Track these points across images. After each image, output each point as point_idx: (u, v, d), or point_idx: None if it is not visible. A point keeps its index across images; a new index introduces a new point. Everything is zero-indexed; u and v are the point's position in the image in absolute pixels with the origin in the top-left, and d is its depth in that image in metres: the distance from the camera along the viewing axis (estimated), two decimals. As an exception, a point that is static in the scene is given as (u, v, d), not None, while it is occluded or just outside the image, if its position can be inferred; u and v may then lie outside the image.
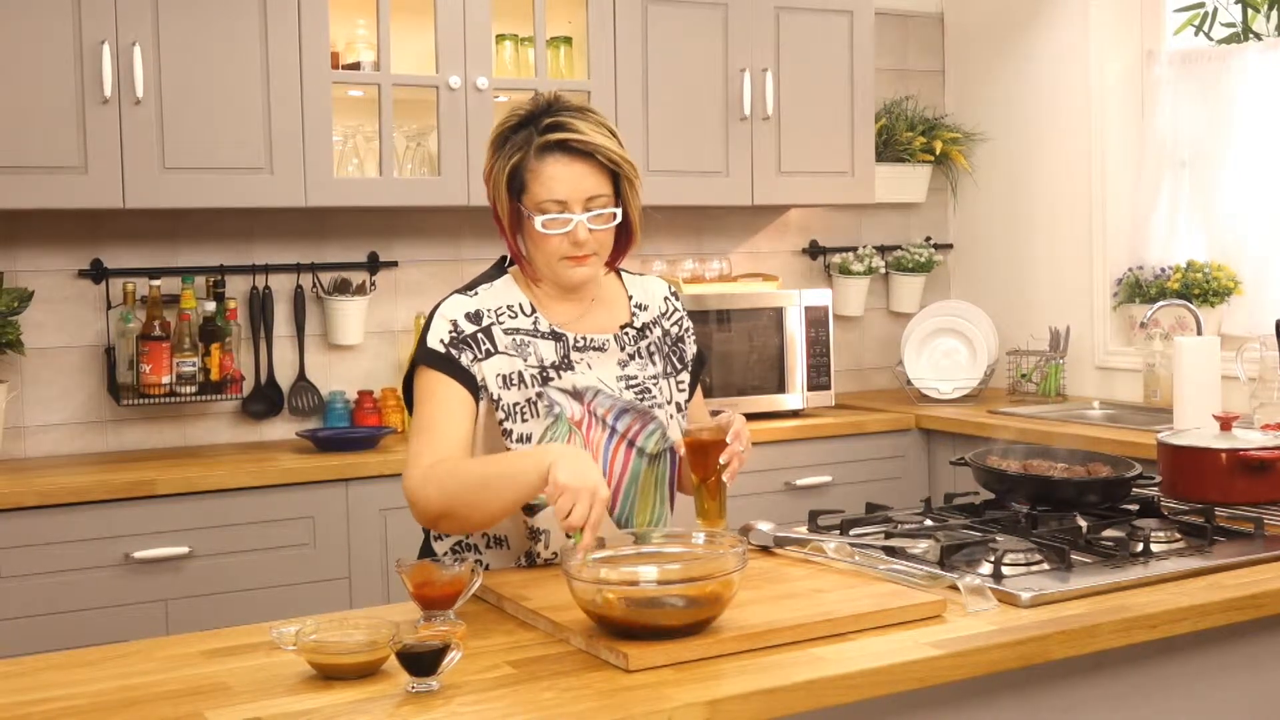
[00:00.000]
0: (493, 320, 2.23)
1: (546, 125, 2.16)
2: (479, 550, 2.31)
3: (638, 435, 2.28)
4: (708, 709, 1.64)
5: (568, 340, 2.25)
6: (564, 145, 2.16)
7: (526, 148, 2.17)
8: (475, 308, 2.23)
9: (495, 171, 2.20)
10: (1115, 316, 4.63)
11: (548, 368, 2.22)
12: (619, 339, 2.30)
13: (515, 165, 2.17)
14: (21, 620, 3.26)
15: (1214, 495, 2.56)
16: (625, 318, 2.34)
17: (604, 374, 2.26)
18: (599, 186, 2.18)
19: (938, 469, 4.36)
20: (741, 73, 4.35)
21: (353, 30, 4.00)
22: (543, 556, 2.28)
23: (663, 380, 2.33)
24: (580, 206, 2.17)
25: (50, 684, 1.77)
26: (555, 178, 2.15)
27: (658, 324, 2.38)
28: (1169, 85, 4.47)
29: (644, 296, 2.39)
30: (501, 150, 2.20)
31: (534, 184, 2.16)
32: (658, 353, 2.35)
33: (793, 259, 4.95)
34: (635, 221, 2.26)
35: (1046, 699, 1.98)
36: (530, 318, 2.25)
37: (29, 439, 3.83)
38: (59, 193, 3.51)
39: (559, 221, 2.16)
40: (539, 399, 2.21)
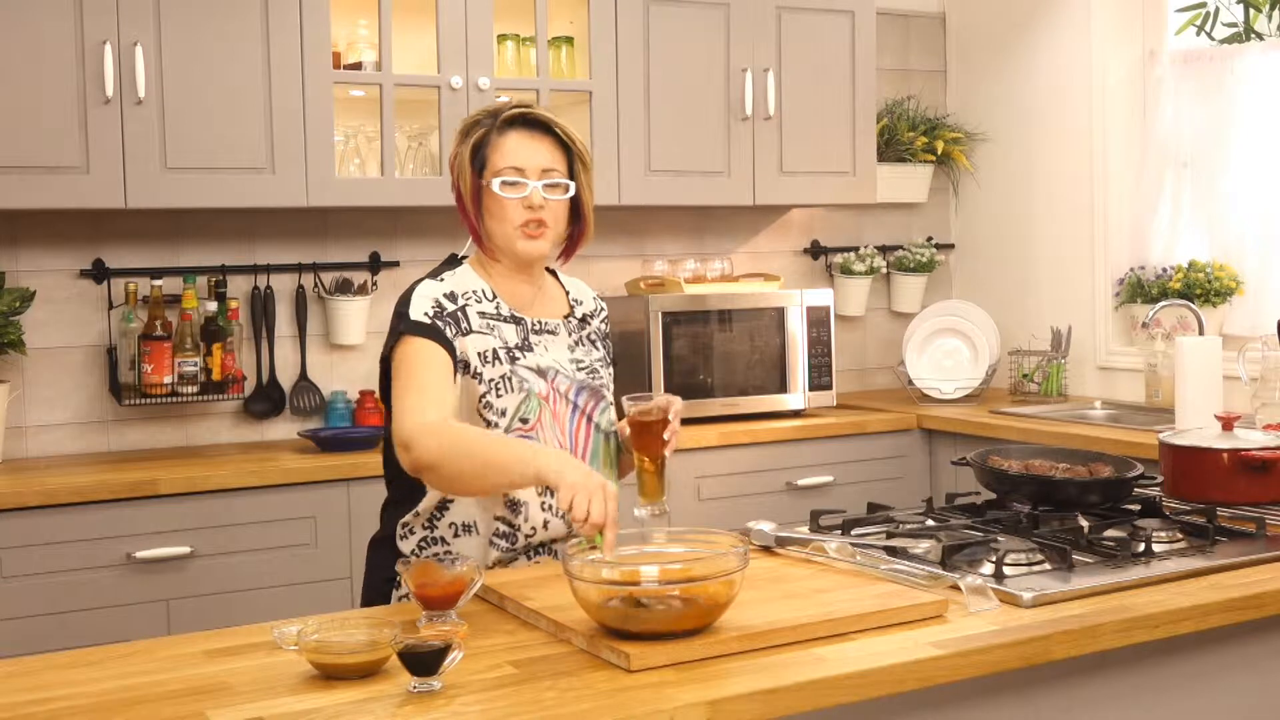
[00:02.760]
0: (466, 301, 2.33)
1: (512, 108, 2.36)
2: (446, 542, 2.33)
3: (594, 411, 2.40)
4: (709, 709, 1.64)
5: (526, 324, 2.38)
6: (525, 119, 2.34)
7: (490, 126, 2.34)
8: (450, 289, 2.34)
9: (460, 152, 2.35)
10: (1117, 316, 4.63)
11: (512, 348, 2.33)
12: (566, 325, 2.45)
13: (479, 141, 2.34)
14: (23, 620, 3.26)
15: (1216, 495, 2.56)
16: (566, 309, 2.49)
17: (558, 355, 2.39)
18: (554, 161, 2.34)
19: (939, 469, 4.36)
20: (743, 72, 4.35)
21: (354, 30, 4.00)
22: (522, 530, 2.31)
23: (605, 366, 2.48)
24: (536, 175, 2.32)
25: (52, 684, 1.77)
26: (514, 148, 2.32)
27: (592, 319, 2.52)
28: (1171, 85, 4.47)
29: (578, 294, 2.54)
30: (468, 135, 2.36)
31: (494, 155, 2.32)
32: (598, 340, 2.50)
33: (794, 259, 4.95)
34: (587, 206, 2.40)
35: (1048, 699, 1.98)
36: (493, 302, 2.36)
37: (31, 439, 3.83)
38: (61, 193, 3.51)
39: (516, 186, 2.31)
40: (512, 375, 2.30)
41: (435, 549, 2.34)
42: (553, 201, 2.33)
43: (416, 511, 2.34)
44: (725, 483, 4.09)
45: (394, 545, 2.38)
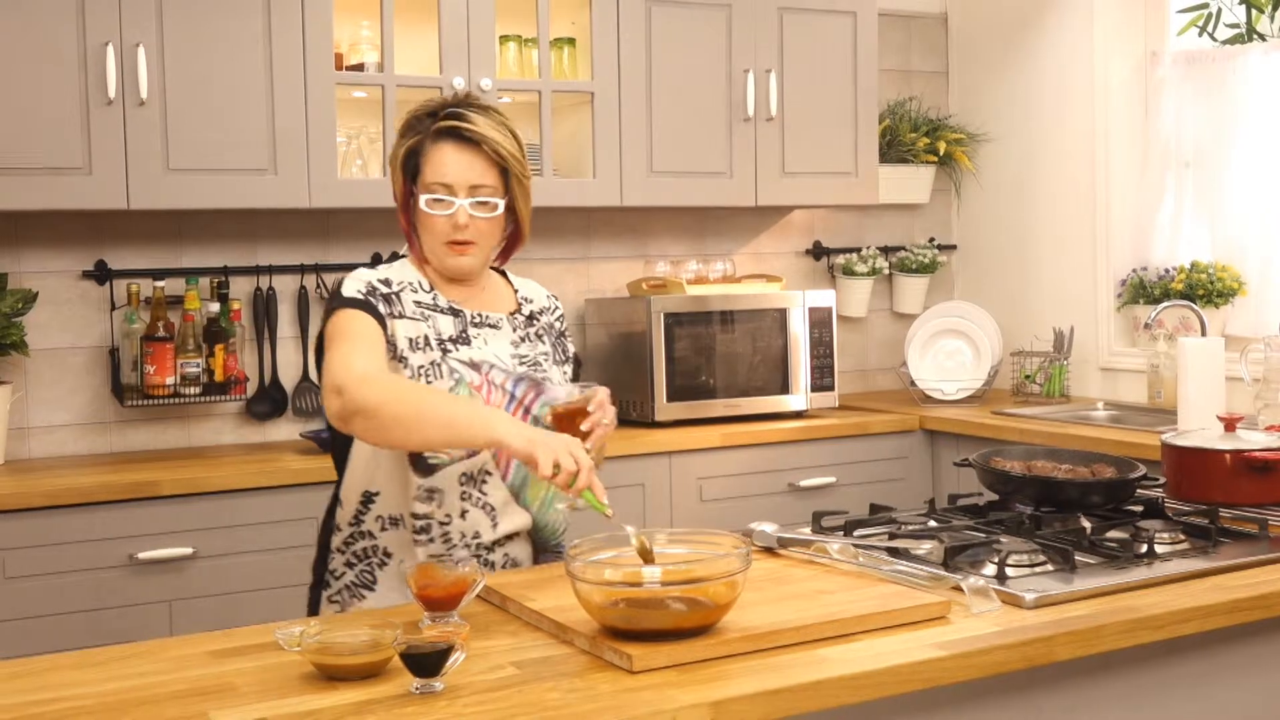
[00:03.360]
0: (401, 289, 2.32)
1: (446, 115, 2.30)
2: (374, 536, 2.32)
3: (533, 403, 2.35)
4: (712, 710, 1.64)
5: (465, 316, 2.35)
6: (456, 133, 2.28)
7: (425, 133, 2.30)
8: (385, 276, 2.32)
9: (394, 154, 2.33)
10: (1119, 317, 4.62)
11: (446, 340, 2.31)
12: (510, 321, 2.41)
13: (412, 148, 2.30)
14: (27, 621, 3.26)
15: (1218, 496, 2.55)
16: (513, 306, 2.46)
17: (499, 350, 2.36)
18: (485, 177, 2.29)
19: (941, 470, 4.36)
20: (745, 73, 4.35)
21: (357, 31, 4.00)
22: (436, 518, 2.28)
23: (551, 363, 2.43)
24: (465, 193, 2.28)
25: (56, 684, 1.77)
26: (444, 162, 2.28)
27: (543, 315, 2.48)
28: (1173, 86, 4.47)
29: (528, 292, 2.50)
30: (405, 136, 2.33)
31: (426, 166, 2.29)
32: (546, 337, 2.46)
33: (796, 260, 4.95)
34: (523, 219, 2.37)
35: (1051, 700, 1.98)
36: (430, 294, 2.34)
37: (34, 440, 3.83)
38: (63, 194, 3.51)
39: (443, 204, 2.27)
40: (441, 364, 2.28)
41: (361, 544, 2.33)
42: (480, 219, 2.29)
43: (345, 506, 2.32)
44: (727, 484, 4.09)
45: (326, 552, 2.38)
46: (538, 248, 4.44)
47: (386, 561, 2.33)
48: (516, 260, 4.41)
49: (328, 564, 2.39)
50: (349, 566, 2.35)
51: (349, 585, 2.35)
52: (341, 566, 2.36)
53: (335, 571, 2.37)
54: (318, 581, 2.41)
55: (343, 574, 2.36)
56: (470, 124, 2.28)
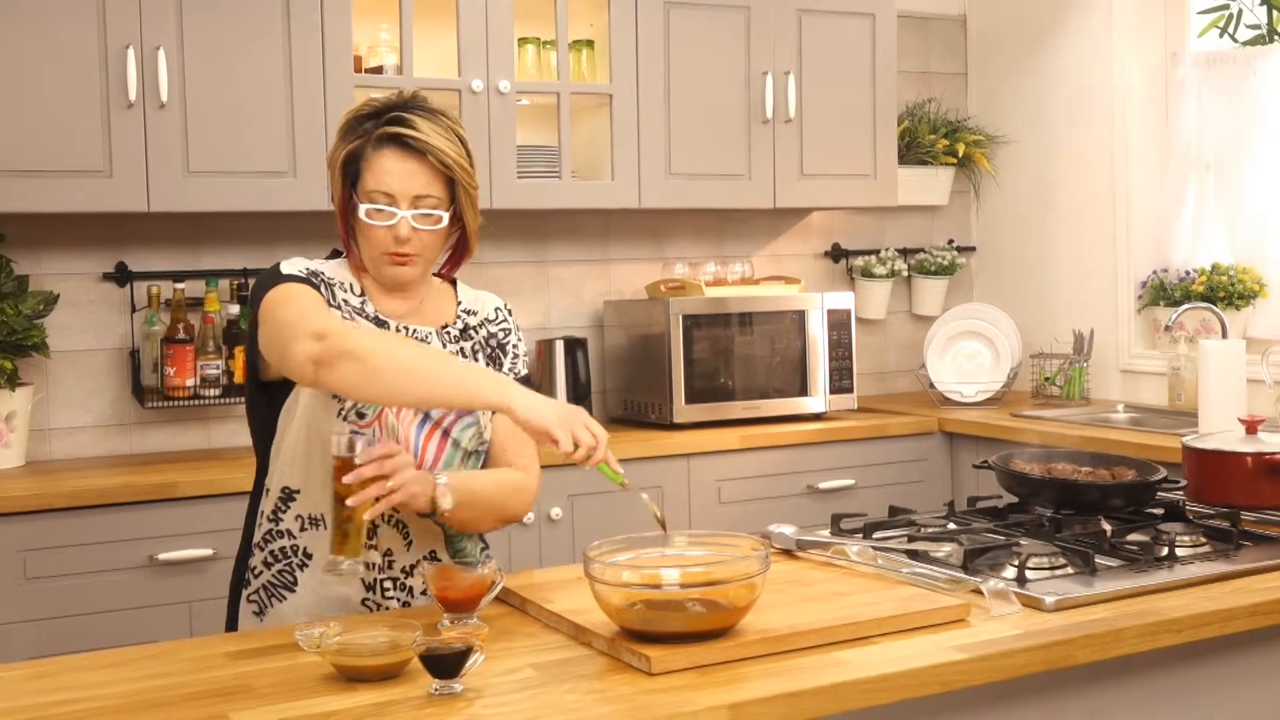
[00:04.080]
0: (335, 284, 2.20)
1: (390, 119, 2.16)
2: (293, 535, 2.20)
3: (452, 426, 2.22)
4: (730, 712, 1.64)
5: (390, 328, 2.21)
6: (400, 140, 2.15)
7: (367, 137, 2.16)
8: (319, 269, 2.21)
9: (333, 157, 2.19)
10: (1139, 319, 4.61)
11: None
12: (440, 335, 2.26)
13: (353, 152, 2.16)
14: (47, 621, 3.27)
15: (1240, 499, 2.54)
16: (449, 319, 2.30)
17: None
18: (429, 187, 2.16)
19: (961, 472, 4.35)
20: (763, 75, 4.34)
21: (375, 34, 4.01)
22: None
23: None
24: (407, 203, 2.15)
25: (76, 685, 1.78)
26: (387, 170, 2.14)
27: (483, 327, 2.32)
28: (1193, 87, 4.45)
29: (474, 304, 2.35)
30: (346, 137, 2.19)
31: (366, 173, 2.15)
32: (481, 353, 2.30)
33: (815, 262, 4.94)
34: (470, 230, 2.24)
35: (1071, 703, 1.97)
36: (359, 299, 2.22)
37: (54, 441, 3.85)
38: (84, 196, 3.53)
39: (384, 214, 2.14)
40: None
41: (279, 544, 2.21)
42: (423, 231, 2.16)
43: (266, 503, 2.23)
44: (746, 486, 4.08)
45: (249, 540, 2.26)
46: (556, 250, 4.44)
47: (306, 563, 2.19)
48: (540, 263, 4.42)
49: (246, 559, 2.27)
50: (266, 566, 2.22)
51: (266, 585, 2.22)
52: (260, 565, 2.23)
53: (255, 569, 2.24)
54: (237, 581, 2.29)
55: (260, 573, 2.23)
56: (415, 130, 2.14)
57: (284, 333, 2.04)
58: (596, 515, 3.81)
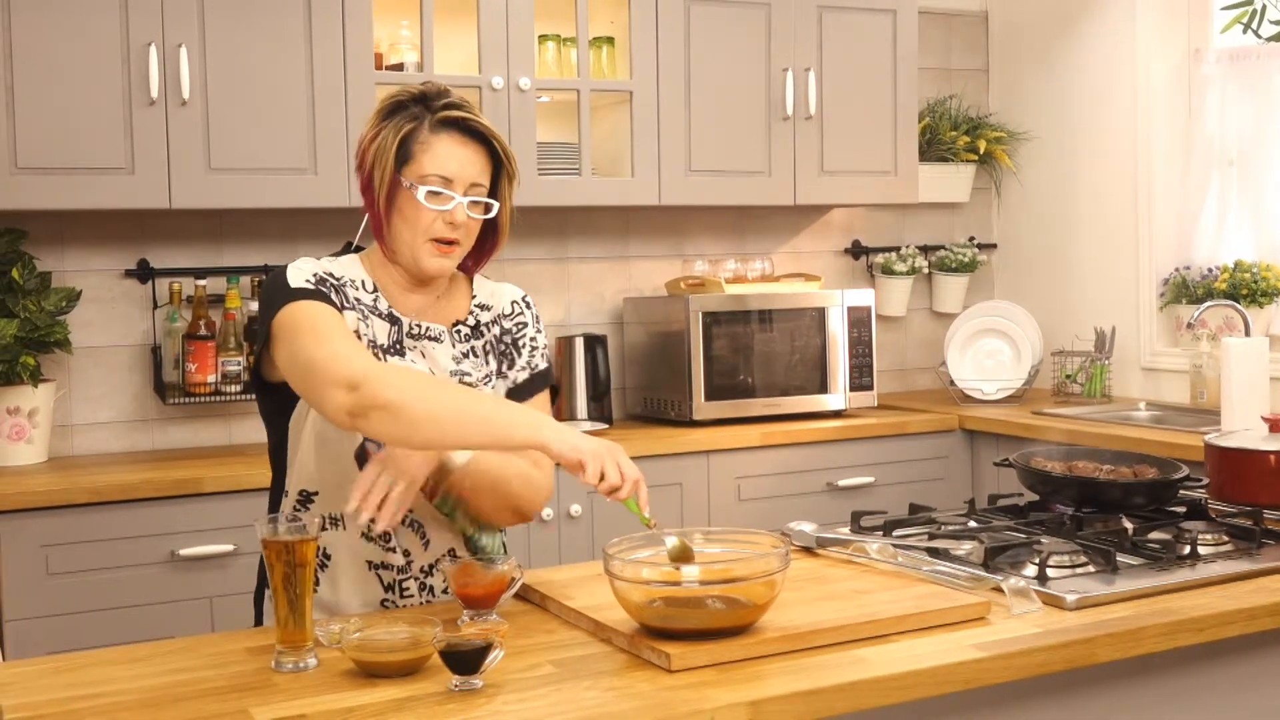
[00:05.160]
0: (343, 284, 2.16)
1: (445, 104, 2.14)
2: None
3: None
4: (750, 710, 1.64)
5: (403, 325, 2.19)
6: (461, 124, 2.14)
7: (421, 119, 2.13)
8: (328, 269, 2.17)
9: (382, 137, 2.13)
10: (1161, 317, 4.59)
11: (378, 348, 2.15)
12: (452, 334, 2.23)
13: (407, 134, 2.13)
14: (69, 616, 3.29)
15: (1262, 498, 2.53)
16: (462, 315, 2.27)
17: (435, 366, 2.19)
18: (482, 175, 2.16)
19: (981, 470, 4.34)
20: (784, 72, 4.34)
21: (396, 31, 4.01)
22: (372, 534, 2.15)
23: (495, 379, 2.27)
24: (463, 189, 2.14)
25: (98, 679, 1.79)
26: (448, 154, 2.12)
27: (497, 323, 2.29)
28: (1216, 83, 4.43)
29: (489, 299, 2.31)
30: (392, 118, 2.14)
31: (423, 155, 2.12)
32: (492, 351, 2.27)
33: (835, 259, 4.94)
34: (504, 222, 2.23)
35: (1091, 702, 1.97)
36: (371, 295, 2.18)
37: (77, 437, 3.86)
38: (106, 193, 3.54)
39: (442, 198, 2.12)
40: None
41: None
42: (473, 220, 2.16)
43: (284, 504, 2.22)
44: (766, 483, 4.08)
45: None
46: (576, 247, 4.44)
47: (326, 563, 2.18)
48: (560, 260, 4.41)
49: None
50: None
51: None
52: None
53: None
54: (262, 577, 2.27)
55: None
56: (476, 116, 2.14)
57: (314, 374, 2.00)
58: (616, 513, 3.80)
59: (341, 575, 2.19)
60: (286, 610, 1.82)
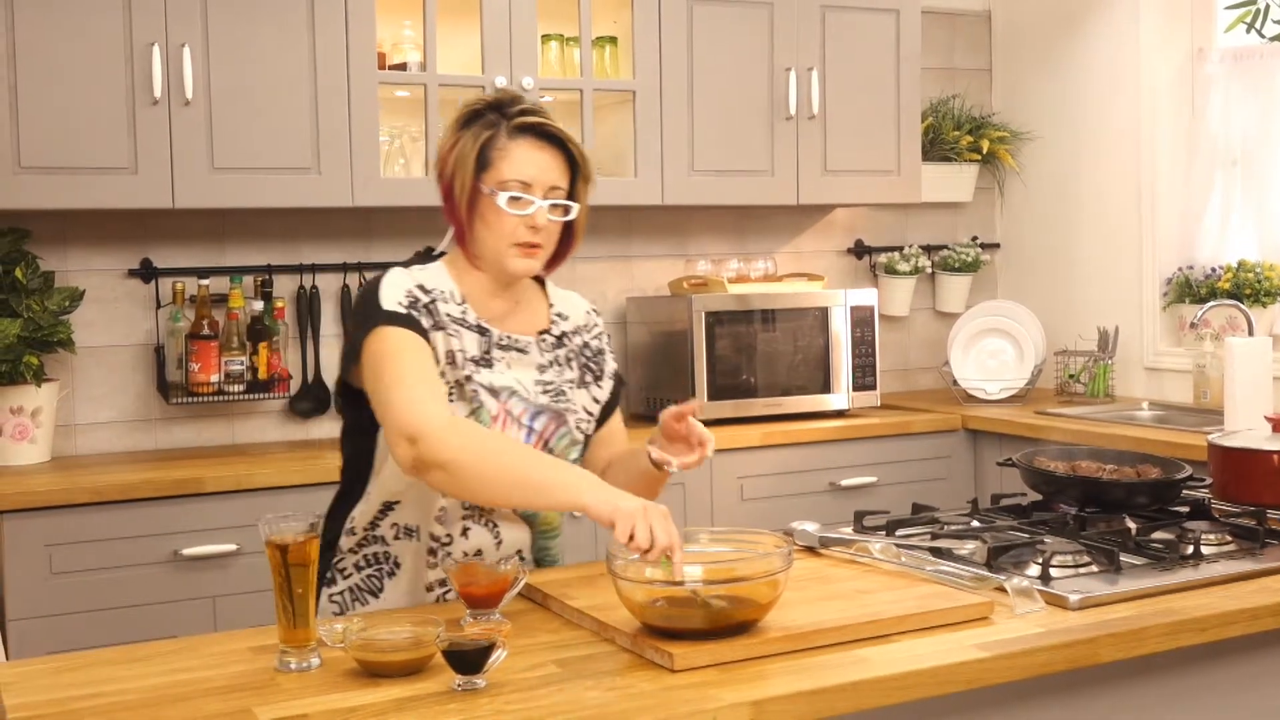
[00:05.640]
0: (435, 297, 2.20)
1: (521, 110, 2.20)
2: (385, 542, 2.25)
3: (552, 436, 2.25)
4: (753, 710, 1.64)
5: (492, 336, 2.23)
6: (539, 130, 2.19)
7: (498, 127, 2.18)
8: (420, 281, 2.21)
9: (461, 145, 2.19)
10: (1165, 317, 4.59)
11: (468, 360, 2.19)
12: (538, 344, 2.29)
13: (485, 141, 2.18)
14: (72, 616, 3.29)
15: (1266, 497, 2.53)
16: (545, 324, 2.33)
17: (522, 376, 2.24)
18: (561, 179, 2.21)
19: (984, 470, 4.34)
20: (787, 72, 4.34)
21: (399, 31, 4.01)
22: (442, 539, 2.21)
23: (578, 388, 2.32)
24: (543, 192, 2.18)
25: (100, 679, 1.79)
26: (526, 159, 2.17)
27: (578, 334, 2.36)
28: (1220, 83, 4.43)
29: (565, 308, 2.37)
30: (469, 127, 2.20)
31: (501, 162, 2.17)
32: (575, 360, 2.33)
33: (838, 259, 4.94)
34: (580, 224, 2.28)
35: (1094, 702, 1.97)
36: (460, 306, 2.22)
37: (80, 437, 3.87)
38: (109, 193, 3.54)
39: (522, 202, 2.17)
40: (467, 383, 2.17)
41: (373, 549, 2.25)
42: (552, 223, 2.20)
43: (364, 508, 2.25)
44: (768, 483, 4.08)
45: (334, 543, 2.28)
46: (579, 246, 4.43)
47: (396, 572, 2.25)
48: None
49: (332, 558, 2.29)
50: (358, 569, 2.27)
51: (354, 588, 2.27)
52: (351, 567, 2.28)
53: (344, 570, 2.28)
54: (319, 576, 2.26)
55: (350, 574, 2.27)
56: (551, 121, 2.20)
57: (387, 419, 2.07)
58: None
59: (409, 584, 2.24)
60: (289, 610, 1.82)
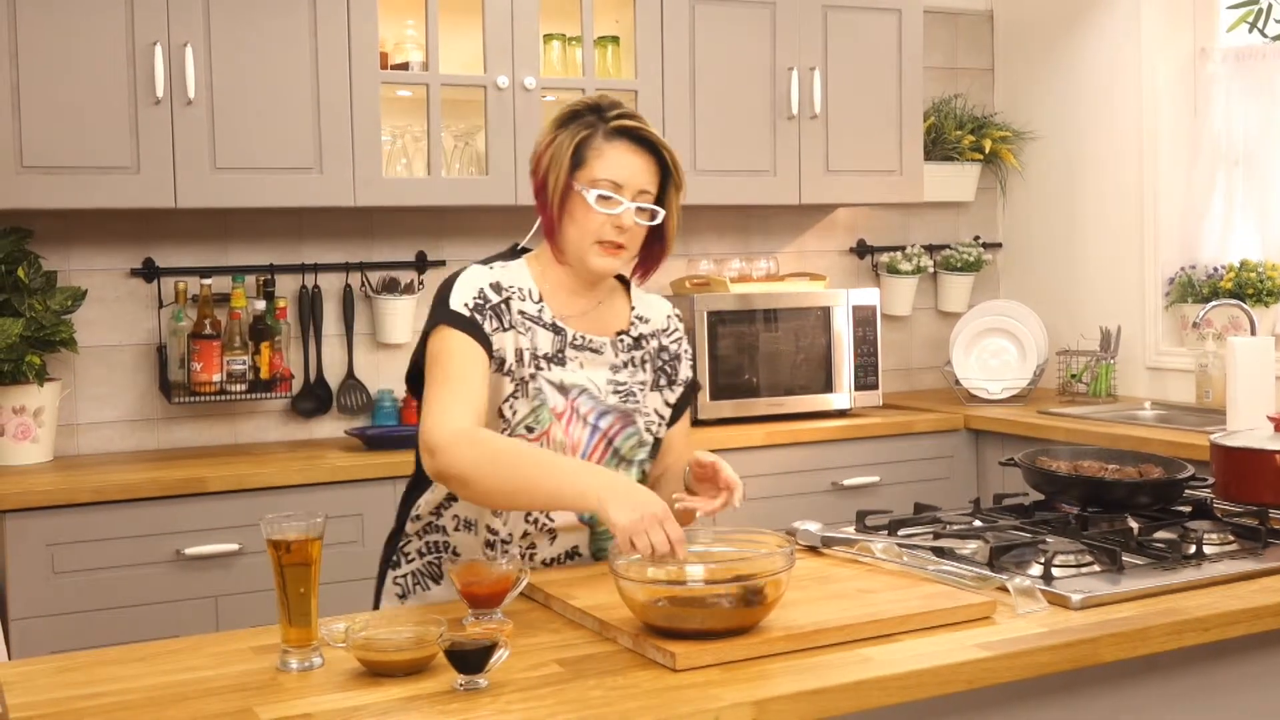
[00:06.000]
0: (510, 295, 2.27)
1: (619, 114, 2.25)
2: (446, 532, 2.32)
3: (617, 435, 2.30)
4: (755, 709, 1.64)
5: (566, 335, 2.28)
6: (633, 134, 2.25)
7: (595, 127, 2.24)
8: (497, 280, 2.27)
9: (558, 142, 2.25)
10: (1167, 316, 4.58)
11: (540, 358, 2.25)
12: (614, 344, 2.33)
13: (582, 140, 2.24)
14: (74, 615, 3.29)
15: (1268, 497, 2.53)
16: (624, 326, 2.37)
17: (595, 376, 2.29)
18: (650, 183, 2.26)
19: (986, 469, 4.33)
20: (789, 71, 4.34)
21: (401, 30, 4.02)
22: (500, 535, 2.26)
23: (650, 390, 2.36)
24: (632, 195, 2.23)
25: (103, 679, 1.79)
26: (619, 161, 2.23)
27: (656, 337, 2.40)
28: (1222, 83, 4.43)
29: (647, 311, 2.42)
30: (568, 126, 2.26)
31: (595, 161, 2.23)
32: (650, 363, 2.37)
33: (840, 258, 4.93)
34: (671, 230, 2.33)
35: (1096, 702, 1.96)
36: (537, 305, 2.28)
37: (82, 436, 3.87)
38: (111, 193, 3.54)
39: (611, 202, 2.22)
40: (530, 381, 2.24)
41: (434, 537, 2.33)
42: (638, 225, 2.25)
43: (429, 497, 2.32)
44: (770, 482, 4.08)
45: (402, 527, 2.37)
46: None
47: (454, 560, 2.31)
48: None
49: (399, 542, 2.38)
50: (420, 555, 2.35)
51: (416, 573, 2.35)
52: (414, 552, 2.36)
53: (408, 555, 2.37)
54: (387, 558, 2.41)
55: (413, 559, 2.36)
56: (648, 127, 2.26)
57: (420, 424, 2.16)
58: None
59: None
60: (292, 609, 1.83)
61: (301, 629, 1.83)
